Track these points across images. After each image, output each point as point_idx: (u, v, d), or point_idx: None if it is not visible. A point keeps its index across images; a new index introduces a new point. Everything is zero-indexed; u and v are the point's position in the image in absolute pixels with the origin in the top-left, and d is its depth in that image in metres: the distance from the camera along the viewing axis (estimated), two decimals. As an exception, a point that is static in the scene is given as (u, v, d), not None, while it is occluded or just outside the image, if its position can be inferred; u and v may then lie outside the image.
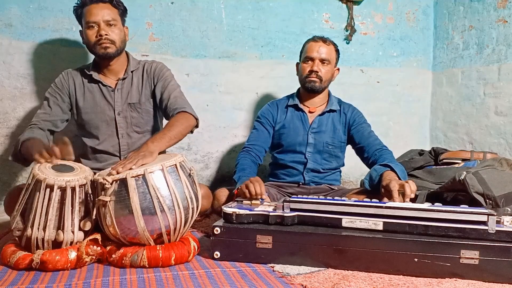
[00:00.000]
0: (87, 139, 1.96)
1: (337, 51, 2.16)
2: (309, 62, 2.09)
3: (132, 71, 1.96)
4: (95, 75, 1.92)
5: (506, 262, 1.31)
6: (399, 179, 1.75)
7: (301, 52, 2.18)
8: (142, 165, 1.48)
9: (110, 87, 1.93)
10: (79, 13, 1.87)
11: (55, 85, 1.95)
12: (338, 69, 2.20)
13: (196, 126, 1.90)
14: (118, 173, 1.43)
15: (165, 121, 1.95)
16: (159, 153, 1.80)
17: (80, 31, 1.93)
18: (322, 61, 2.08)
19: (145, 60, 2.03)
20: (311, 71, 2.08)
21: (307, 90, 2.13)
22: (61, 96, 1.93)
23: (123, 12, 1.93)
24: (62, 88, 1.94)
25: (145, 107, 1.96)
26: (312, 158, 2.12)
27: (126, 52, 1.98)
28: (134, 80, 1.96)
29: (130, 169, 1.43)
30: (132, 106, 1.94)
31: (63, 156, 1.56)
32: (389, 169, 1.82)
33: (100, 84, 1.93)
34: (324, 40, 2.11)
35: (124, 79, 1.95)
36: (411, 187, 1.61)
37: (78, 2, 1.86)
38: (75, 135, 2.09)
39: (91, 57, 2.23)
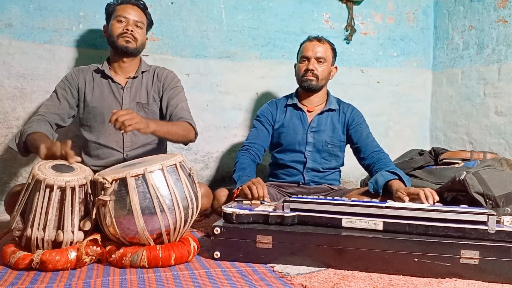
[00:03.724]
0: (91, 134, 1.97)
1: (334, 49, 2.17)
2: (305, 61, 2.11)
3: (142, 72, 2.02)
4: (107, 71, 1.98)
5: (506, 262, 1.31)
6: None
7: (297, 54, 2.20)
8: (141, 163, 1.51)
9: (119, 84, 1.98)
10: (111, 9, 1.98)
11: (66, 79, 1.99)
12: (336, 68, 2.20)
13: (192, 141, 1.97)
14: (115, 113, 1.51)
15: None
16: (159, 153, 1.81)
17: (104, 25, 2.02)
18: (318, 59, 2.09)
19: (156, 66, 2.10)
20: (307, 70, 2.09)
21: (304, 89, 2.14)
22: (70, 90, 1.96)
23: (149, 23, 2.08)
24: (72, 82, 1.97)
25: (152, 108, 2.01)
26: (312, 157, 2.12)
27: (140, 56, 2.06)
28: (144, 80, 2.02)
29: (123, 123, 1.53)
30: (140, 105, 1.99)
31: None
32: (397, 178, 1.82)
33: (110, 80, 1.98)
34: (318, 39, 2.12)
35: (134, 78, 2.00)
36: (434, 198, 1.61)
37: (115, 2, 1.98)
38: (75, 135, 2.09)
39: (92, 58, 2.25)
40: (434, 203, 1.60)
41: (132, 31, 1.93)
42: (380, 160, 1.98)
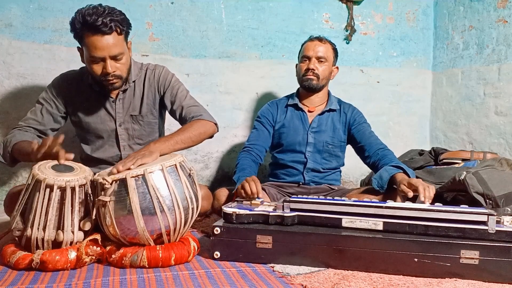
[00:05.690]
0: (87, 146, 1.91)
1: (335, 49, 2.17)
2: (306, 61, 2.11)
3: (134, 81, 1.86)
4: (95, 86, 1.81)
5: (506, 262, 1.31)
6: None
7: (299, 54, 2.20)
8: (141, 165, 1.47)
9: (111, 97, 1.84)
10: (79, 33, 1.63)
11: (50, 91, 1.83)
12: (337, 68, 2.20)
13: (215, 132, 1.87)
14: (118, 171, 1.43)
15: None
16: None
17: (78, 47, 1.72)
18: (319, 59, 2.09)
19: (147, 65, 1.91)
20: (307, 69, 2.09)
21: (305, 89, 2.14)
22: (55, 103, 1.83)
23: (127, 32, 1.72)
24: (57, 95, 1.82)
25: (147, 119, 1.89)
26: (312, 158, 2.12)
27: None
28: (136, 89, 1.87)
29: (129, 168, 1.43)
30: (134, 118, 1.87)
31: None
32: (401, 171, 1.82)
33: (100, 93, 1.84)
34: (320, 39, 2.12)
35: (125, 90, 1.85)
36: (430, 193, 1.60)
37: (78, 26, 1.61)
38: (75, 135, 2.09)
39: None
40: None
41: (114, 71, 1.67)
42: (385, 157, 1.97)
